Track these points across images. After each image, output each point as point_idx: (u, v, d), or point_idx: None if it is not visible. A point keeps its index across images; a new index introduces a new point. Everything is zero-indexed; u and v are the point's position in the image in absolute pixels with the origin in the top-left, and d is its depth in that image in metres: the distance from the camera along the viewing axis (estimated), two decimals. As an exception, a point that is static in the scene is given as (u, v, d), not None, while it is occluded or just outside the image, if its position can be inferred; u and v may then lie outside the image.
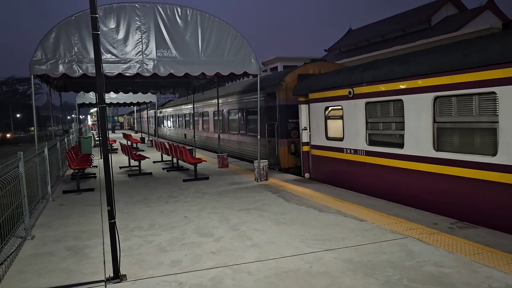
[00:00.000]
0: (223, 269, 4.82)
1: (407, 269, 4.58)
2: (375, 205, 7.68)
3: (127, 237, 6.18)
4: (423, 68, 7.23)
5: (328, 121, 10.37)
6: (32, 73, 9.03)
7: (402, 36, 29.17)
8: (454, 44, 7.16)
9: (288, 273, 4.61)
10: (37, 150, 8.83)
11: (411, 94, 7.50)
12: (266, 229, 6.40)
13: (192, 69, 10.13)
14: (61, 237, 6.35)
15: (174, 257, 5.27)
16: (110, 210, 4.62)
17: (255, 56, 10.76)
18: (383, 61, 8.82)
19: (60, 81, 13.80)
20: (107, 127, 4.87)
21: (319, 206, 7.79)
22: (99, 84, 4.62)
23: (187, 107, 26.44)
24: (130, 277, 4.65)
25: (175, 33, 9.95)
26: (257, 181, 10.83)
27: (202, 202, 8.60)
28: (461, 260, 4.78)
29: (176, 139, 31.43)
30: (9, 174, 5.84)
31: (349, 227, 6.30)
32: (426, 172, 7.26)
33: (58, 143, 13.04)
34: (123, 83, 16.73)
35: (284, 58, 30.64)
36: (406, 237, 5.69)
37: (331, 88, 10.00)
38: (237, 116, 17.08)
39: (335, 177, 10.12)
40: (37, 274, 4.88)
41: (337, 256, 5.08)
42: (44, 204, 8.92)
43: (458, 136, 6.78)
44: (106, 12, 9.35)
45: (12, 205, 5.94)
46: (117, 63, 9.45)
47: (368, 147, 8.82)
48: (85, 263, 5.19)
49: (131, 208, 8.25)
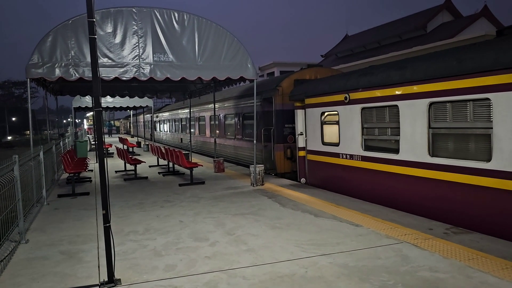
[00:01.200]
0: (218, 273, 4.81)
1: (402, 274, 4.59)
2: (371, 210, 7.70)
3: (122, 241, 6.16)
4: (418, 74, 7.28)
5: (324, 126, 10.40)
6: (29, 76, 9.01)
7: (398, 42, 29.39)
8: (449, 51, 7.22)
9: (283, 278, 4.60)
10: (32, 153, 8.80)
11: (407, 100, 7.55)
12: (262, 233, 6.40)
13: (188, 74, 10.15)
14: (55, 241, 6.32)
15: (169, 262, 5.26)
16: (105, 214, 4.61)
17: (252, 61, 10.80)
18: (379, 67, 8.88)
19: (56, 85, 13.78)
20: (104, 131, 4.87)
21: (315, 211, 7.80)
22: (96, 88, 4.62)
23: (184, 112, 26.45)
24: (124, 282, 4.63)
25: (172, 37, 9.97)
26: (253, 186, 10.83)
27: (198, 206, 8.58)
28: (456, 265, 4.79)
29: (172, 143, 31.39)
30: (4, 178, 5.81)
31: (345, 232, 6.31)
32: (421, 177, 7.29)
33: (53, 147, 13.00)
34: (120, 87, 16.70)
35: (281, 63, 30.72)
36: (401, 242, 5.70)
37: (327, 93, 10.04)
38: (234, 121, 17.09)
39: (331, 182, 10.14)
40: (31, 278, 4.85)
41: (332, 261, 5.08)
42: (39, 208, 8.88)
43: (453, 142, 6.82)
44: (103, 16, 9.36)
45: (6, 209, 5.91)
46: (114, 67, 9.45)
47: (363, 152, 8.85)
48: (79, 267, 5.17)
49: (126, 212, 8.22)
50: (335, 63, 31.72)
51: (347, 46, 36.41)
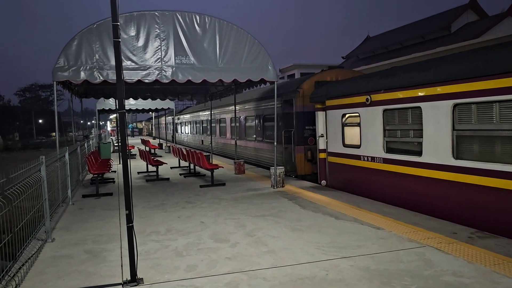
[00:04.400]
0: (239, 274, 4.83)
1: (425, 279, 4.51)
2: (392, 213, 7.59)
3: (144, 241, 6.25)
4: (442, 75, 7.16)
5: (345, 128, 10.32)
6: (55, 79, 9.25)
7: (421, 43, 28.87)
8: (474, 51, 7.07)
9: (304, 280, 4.59)
10: (58, 154, 9.03)
11: (430, 101, 7.42)
12: (282, 235, 6.39)
13: (210, 76, 10.24)
14: (80, 240, 6.47)
15: (190, 262, 5.31)
16: (129, 214, 4.69)
17: (272, 63, 10.81)
18: (401, 68, 8.76)
19: (81, 88, 14.10)
20: (127, 133, 4.96)
21: (336, 213, 7.74)
22: (120, 90, 4.71)
23: (205, 114, 26.65)
24: (146, 281, 4.70)
25: (193, 40, 10.08)
26: (273, 188, 10.83)
27: (219, 208, 8.64)
28: (480, 270, 4.68)
29: (193, 145, 31.67)
30: (32, 178, 5.99)
31: (366, 235, 6.24)
32: (445, 180, 7.15)
33: (78, 148, 13.30)
34: (142, 90, 16.99)
35: (301, 65, 30.63)
36: (424, 246, 5.60)
37: (349, 95, 9.96)
38: (254, 122, 17.13)
39: (352, 184, 10.05)
40: (57, 276, 4.98)
41: (353, 264, 5.03)
42: (64, 207, 9.10)
43: (478, 144, 6.66)
44: (127, 20, 9.54)
45: (33, 208, 6.08)
46: (137, 69, 9.62)
47: (385, 154, 8.74)
48: (103, 266, 5.27)
49: (148, 212, 8.34)
50: (356, 65, 31.41)
51: (368, 47, 36.00)
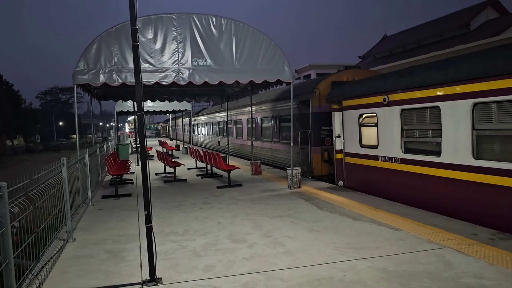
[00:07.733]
0: (256, 275, 4.86)
1: (445, 280, 4.45)
2: (411, 214, 7.51)
3: (162, 242, 6.33)
4: (461, 74, 7.05)
5: (362, 128, 10.24)
6: (75, 82, 9.43)
7: (440, 41, 28.42)
8: (494, 49, 6.94)
9: (321, 281, 4.59)
10: (78, 156, 9.21)
11: (449, 100, 7.32)
12: (299, 236, 6.39)
13: (226, 77, 10.30)
14: (100, 240, 6.59)
15: (208, 262, 5.36)
16: (147, 214, 4.76)
17: (288, 64, 10.81)
18: (419, 67, 8.66)
19: (100, 90, 14.34)
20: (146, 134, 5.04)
21: (353, 214, 7.70)
22: (138, 93, 4.79)
23: (221, 115, 26.78)
24: (165, 281, 4.77)
25: (210, 42, 10.15)
26: (290, 189, 10.82)
27: (236, 208, 8.68)
28: (502, 272, 4.60)
29: (210, 146, 31.85)
30: (53, 179, 6.13)
31: (384, 236, 6.19)
32: (464, 181, 7.04)
33: (98, 150, 13.53)
34: (160, 92, 17.15)
35: (318, 65, 30.53)
36: (444, 248, 5.53)
37: (365, 95, 9.89)
38: (270, 123, 17.14)
39: (369, 185, 9.97)
40: (78, 275, 5.09)
41: (371, 265, 5.00)
42: (85, 208, 9.27)
43: (499, 144, 6.54)
44: (145, 23, 9.67)
45: (55, 209, 6.22)
46: (154, 72, 9.74)
47: (403, 155, 8.65)
48: (123, 265, 5.37)
49: (166, 213, 8.44)
50: (373, 64, 31.12)
51: (385, 46, 35.60)
